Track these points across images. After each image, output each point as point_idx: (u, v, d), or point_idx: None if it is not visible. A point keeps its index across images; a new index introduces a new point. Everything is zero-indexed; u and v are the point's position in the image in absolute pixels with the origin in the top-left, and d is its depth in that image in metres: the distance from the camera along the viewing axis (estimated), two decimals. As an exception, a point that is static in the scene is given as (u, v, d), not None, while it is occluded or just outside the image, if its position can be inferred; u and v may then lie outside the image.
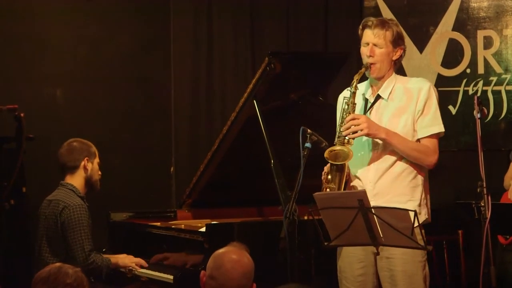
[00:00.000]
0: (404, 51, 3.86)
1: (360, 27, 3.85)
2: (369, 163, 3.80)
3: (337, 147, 3.68)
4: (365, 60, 3.80)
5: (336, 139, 3.72)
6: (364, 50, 3.80)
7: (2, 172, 4.91)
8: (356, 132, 3.66)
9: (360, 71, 3.78)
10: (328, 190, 3.65)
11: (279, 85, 4.49)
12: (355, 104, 3.77)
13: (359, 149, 3.82)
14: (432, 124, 3.77)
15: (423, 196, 3.79)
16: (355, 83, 3.76)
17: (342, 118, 3.74)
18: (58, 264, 2.80)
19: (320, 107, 4.73)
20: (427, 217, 3.81)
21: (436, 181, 3.94)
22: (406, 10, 5.99)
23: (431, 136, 3.77)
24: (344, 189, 3.71)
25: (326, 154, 3.65)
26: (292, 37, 6.40)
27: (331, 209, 3.42)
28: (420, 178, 3.79)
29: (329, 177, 3.68)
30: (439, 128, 3.78)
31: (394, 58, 3.82)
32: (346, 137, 3.69)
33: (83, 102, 5.86)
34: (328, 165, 3.69)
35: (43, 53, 5.71)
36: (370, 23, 3.80)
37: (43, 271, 2.75)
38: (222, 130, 4.67)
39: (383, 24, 3.79)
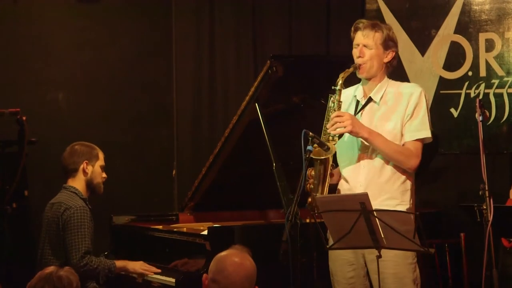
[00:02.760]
0: (396, 55, 3.87)
1: (352, 29, 3.89)
2: (360, 166, 3.82)
3: (318, 144, 3.70)
4: (356, 61, 3.83)
5: (322, 136, 3.73)
6: (355, 51, 3.85)
7: (5, 175, 4.91)
8: (340, 128, 3.68)
9: (347, 70, 3.80)
10: (311, 186, 3.66)
11: (281, 88, 4.48)
12: (341, 102, 3.79)
13: (349, 151, 3.85)
14: (420, 129, 3.77)
15: (411, 201, 3.81)
16: (340, 81, 3.78)
17: (328, 115, 3.75)
18: (50, 270, 2.81)
19: (322, 110, 4.71)
20: None
21: (438, 183, 3.94)
22: (408, 13, 5.98)
23: (416, 140, 3.78)
24: (330, 192, 3.72)
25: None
26: (294, 40, 6.40)
27: (333, 212, 3.42)
28: (409, 183, 3.81)
29: (313, 173, 3.70)
30: (426, 133, 3.78)
31: (386, 60, 3.84)
32: (331, 134, 3.71)
33: (86, 106, 5.86)
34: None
35: (45, 57, 5.72)
36: (361, 25, 3.85)
37: (39, 278, 2.75)
38: (224, 134, 4.67)
39: (373, 26, 3.83)
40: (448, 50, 5.83)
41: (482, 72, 5.70)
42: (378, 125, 3.79)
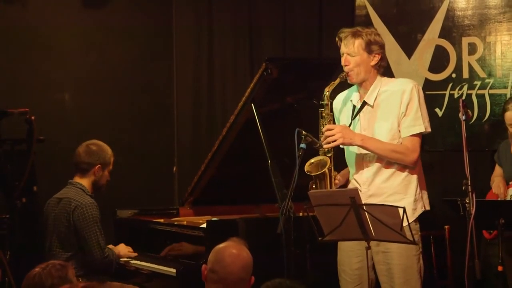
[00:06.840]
0: (383, 56, 3.82)
1: (336, 39, 3.85)
2: (363, 166, 3.81)
3: (313, 159, 3.70)
4: (344, 69, 3.81)
5: (319, 150, 3.72)
6: (342, 60, 3.82)
7: (14, 172, 4.90)
8: (333, 141, 3.66)
9: (332, 83, 3.77)
10: None
11: (276, 89, 4.49)
12: (331, 114, 3.77)
13: (354, 153, 3.83)
14: (413, 124, 3.75)
15: (418, 191, 3.78)
16: (326, 95, 3.76)
17: (321, 129, 3.73)
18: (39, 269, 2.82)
19: (315, 110, 4.71)
20: (423, 209, 3.79)
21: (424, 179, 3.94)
22: (396, 18, 5.98)
23: (412, 136, 3.76)
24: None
25: (306, 168, 3.65)
26: (287, 44, 6.41)
27: (325, 206, 3.43)
28: (413, 176, 3.78)
29: (314, 186, 3.69)
30: (420, 128, 3.75)
31: (372, 63, 3.80)
32: (325, 147, 3.70)
33: (91, 106, 5.86)
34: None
35: (53, 60, 5.71)
36: (342, 34, 3.81)
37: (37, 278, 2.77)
38: (222, 132, 4.67)
39: (354, 34, 3.78)
40: (433, 53, 5.83)
41: (465, 74, 5.70)
42: (376, 127, 3.77)
